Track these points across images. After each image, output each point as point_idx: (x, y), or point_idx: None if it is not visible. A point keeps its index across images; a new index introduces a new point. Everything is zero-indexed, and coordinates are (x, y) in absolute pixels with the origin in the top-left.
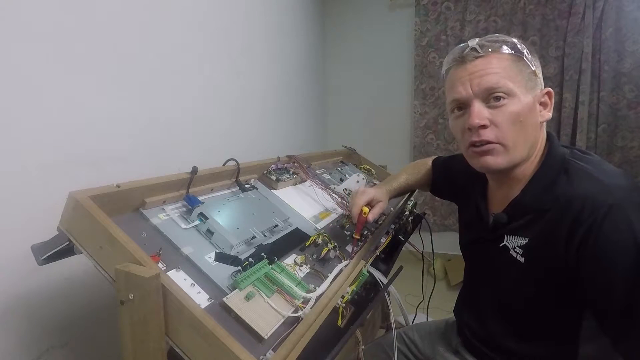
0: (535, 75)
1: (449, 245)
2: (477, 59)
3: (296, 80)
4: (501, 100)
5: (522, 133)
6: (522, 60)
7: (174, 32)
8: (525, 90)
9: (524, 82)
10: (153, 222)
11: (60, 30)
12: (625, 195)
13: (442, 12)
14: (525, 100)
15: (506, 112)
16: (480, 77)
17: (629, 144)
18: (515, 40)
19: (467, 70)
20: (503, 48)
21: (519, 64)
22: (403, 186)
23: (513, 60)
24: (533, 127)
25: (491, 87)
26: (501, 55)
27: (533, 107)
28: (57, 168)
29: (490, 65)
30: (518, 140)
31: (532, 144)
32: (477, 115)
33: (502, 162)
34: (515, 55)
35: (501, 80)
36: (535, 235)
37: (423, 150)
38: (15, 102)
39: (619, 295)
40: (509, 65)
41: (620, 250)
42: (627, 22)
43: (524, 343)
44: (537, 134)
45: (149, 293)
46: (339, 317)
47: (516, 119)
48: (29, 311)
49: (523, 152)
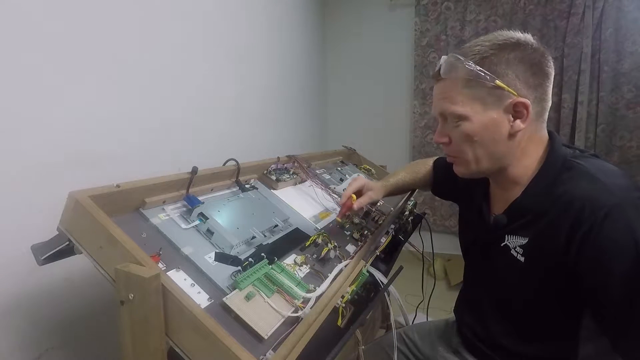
0: (499, 89)
1: (449, 245)
2: (438, 81)
3: (296, 80)
4: (455, 122)
5: (481, 149)
6: (479, 80)
7: (174, 32)
8: (483, 109)
9: (480, 101)
10: (153, 222)
11: (60, 30)
12: (625, 195)
13: (442, 12)
14: (481, 119)
15: (459, 132)
16: (437, 100)
17: (627, 144)
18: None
19: (434, 90)
20: (456, 71)
21: (471, 86)
22: (400, 184)
23: (465, 84)
24: (497, 142)
25: (442, 112)
26: (453, 81)
27: (496, 123)
28: (57, 168)
29: (444, 91)
30: (478, 155)
31: (503, 156)
32: (438, 134)
33: (465, 171)
34: (469, 77)
35: (450, 107)
36: (536, 235)
37: (423, 150)
38: (15, 102)
39: (619, 295)
40: (461, 90)
41: (620, 251)
42: (626, 22)
43: (524, 343)
44: (511, 145)
45: (149, 293)
46: (339, 317)
47: (468, 138)
48: (29, 311)
49: (489, 164)
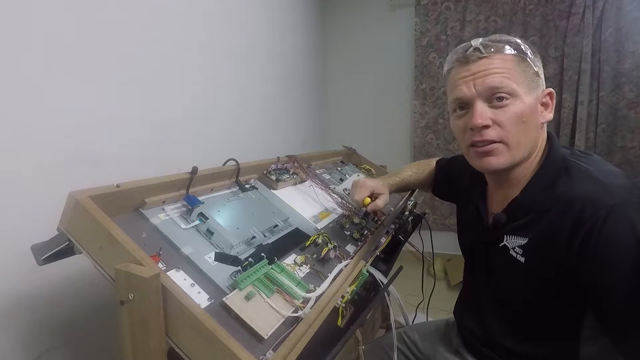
0: (537, 76)
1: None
2: (480, 59)
3: (296, 80)
4: (504, 100)
5: (524, 133)
6: (526, 61)
7: (174, 32)
8: (528, 91)
9: (527, 83)
10: (153, 222)
11: (61, 30)
12: (626, 195)
13: (442, 12)
14: (527, 100)
15: (509, 112)
16: (484, 77)
17: (628, 144)
18: (519, 40)
19: (470, 70)
20: (506, 48)
21: (522, 65)
22: (405, 182)
23: (516, 61)
24: (534, 127)
25: (495, 87)
26: (505, 56)
27: (535, 108)
28: (57, 168)
29: (494, 65)
30: (521, 140)
31: (533, 144)
32: (480, 115)
33: (504, 161)
34: (519, 56)
35: (505, 81)
36: (535, 235)
37: (423, 150)
38: (15, 102)
39: (620, 296)
40: (513, 66)
41: (621, 251)
42: (627, 22)
43: (524, 343)
44: (538, 134)
45: (149, 293)
46: (339, 317)
47: (519, 118)
48: (29, 311)
49: (524, 152)
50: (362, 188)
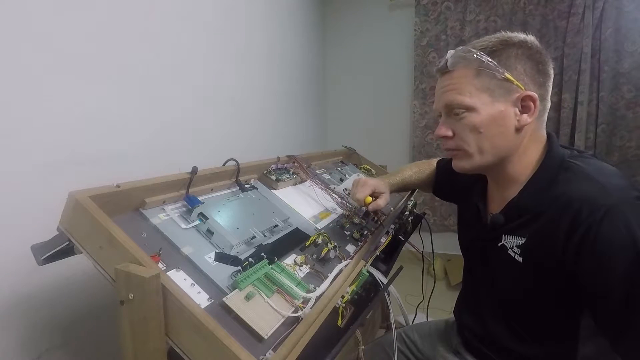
0: (507, 82)
1: (449, 245)
2: (444, 74)
3: (296, 80)
4: (461, 113)
5: (485, 141)
6: (485, 72)
7: (174, 32)
8: (491, 100)
9: (490, 93)
10: (153, 222)
11: (61, 30)
12: (623, 196)
13: (442, 12)
14: (488, 110)
15: (464, 124)
16: (442, 93)
17: (627, 144)
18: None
19: (438, 84)
20: (467, 62)
21: (482, 76)
22: (406, 182)
23: (474, 75)
24: (502, 134)
25: (448, 104)
26: (463, 71)
27: (503, 115)
28: (57, 168)
29: (451, 82)
30: (483, 147)
31: (506, 150)
32: (439, 128)
33: (466, 166)
34: (478, 69)
35: (457, 98)
36: (533, 235)
37: (423, 150)
38: (15, 103)
39: (617, 296)
40: (470, 80)
41: (618, 251)
42: (626, 22)
43: (524, 343)
44: (512, 139)
45: (149, 293)
46: (339, 317)
47: (475, 129)
48: (29, 311)
49: (491, 158)
50: (363, 187)
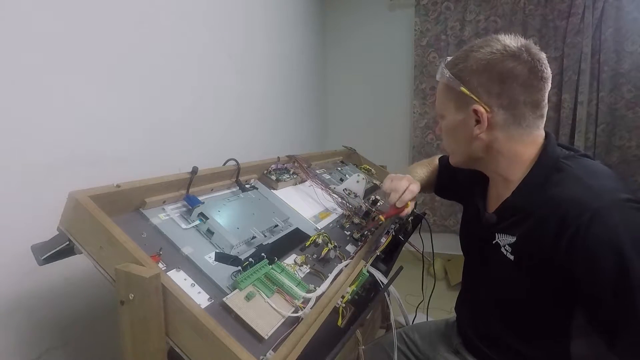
0: (464, 94)
1: (449, 245)
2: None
3: (296, 80)
4: (441, 119)
5: (454, 144)
6: (450, 85)
7: (174, 32)
8: (455, 110)
9: (454, 103)
10: (153, 222)
11: (61, 30)
12: (612, 197)
13: (442, 12)
14: (452, 118)
15: (441, 128)
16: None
17: (626, 144)
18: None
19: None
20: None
21: (448, 88)
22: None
23: (444, 87)
24: (463, 140)
25: (435, 109)
26: (441, 83)
27: (462, 124)
28: (57, 168)
29: (437, 91)
30: (453, 149)
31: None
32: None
33: (451, 161)
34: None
35: (437, 105)
36: (522, 234)
37: (423, 150)
38: (15, 103)
39: (607, 297)
40: (443, 91)
41: (606, 253)
42: (626, 22)
43: (523, 342)
44: (472, 146)
45: (149, 293)
46: (339, 317)
47: (446, 133)
48: (29, 311)
49: (461, 158)
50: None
